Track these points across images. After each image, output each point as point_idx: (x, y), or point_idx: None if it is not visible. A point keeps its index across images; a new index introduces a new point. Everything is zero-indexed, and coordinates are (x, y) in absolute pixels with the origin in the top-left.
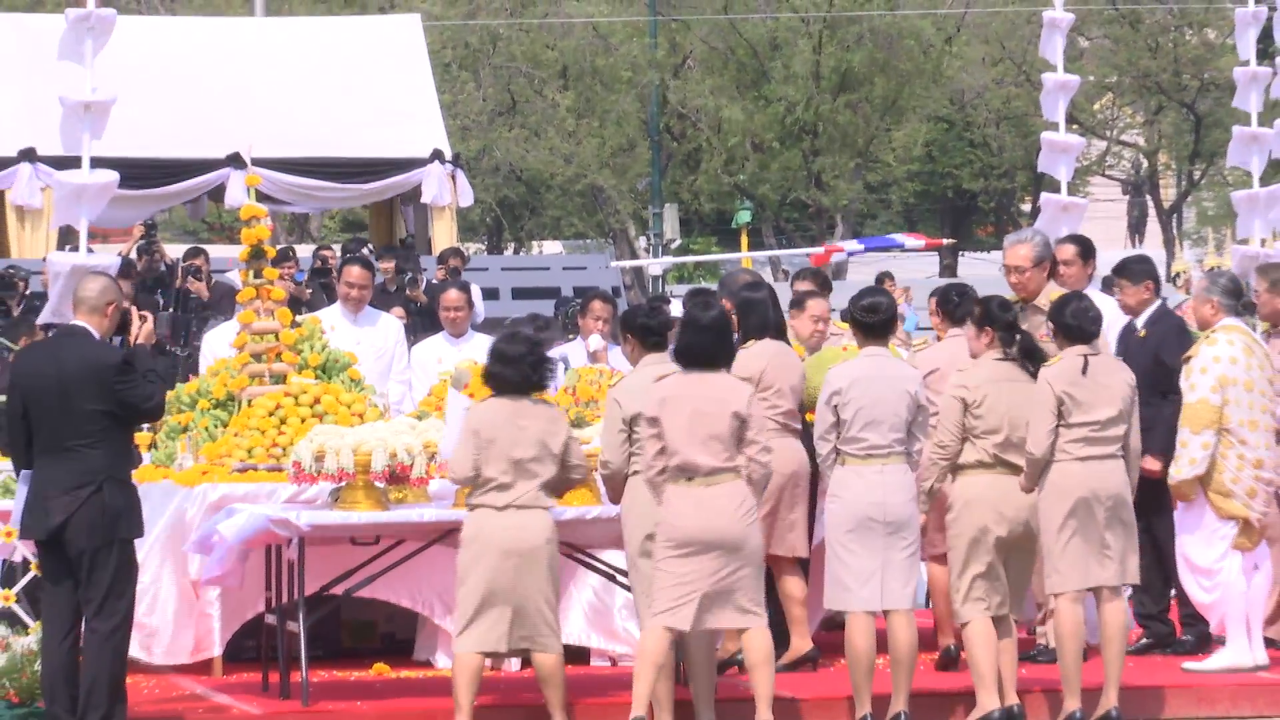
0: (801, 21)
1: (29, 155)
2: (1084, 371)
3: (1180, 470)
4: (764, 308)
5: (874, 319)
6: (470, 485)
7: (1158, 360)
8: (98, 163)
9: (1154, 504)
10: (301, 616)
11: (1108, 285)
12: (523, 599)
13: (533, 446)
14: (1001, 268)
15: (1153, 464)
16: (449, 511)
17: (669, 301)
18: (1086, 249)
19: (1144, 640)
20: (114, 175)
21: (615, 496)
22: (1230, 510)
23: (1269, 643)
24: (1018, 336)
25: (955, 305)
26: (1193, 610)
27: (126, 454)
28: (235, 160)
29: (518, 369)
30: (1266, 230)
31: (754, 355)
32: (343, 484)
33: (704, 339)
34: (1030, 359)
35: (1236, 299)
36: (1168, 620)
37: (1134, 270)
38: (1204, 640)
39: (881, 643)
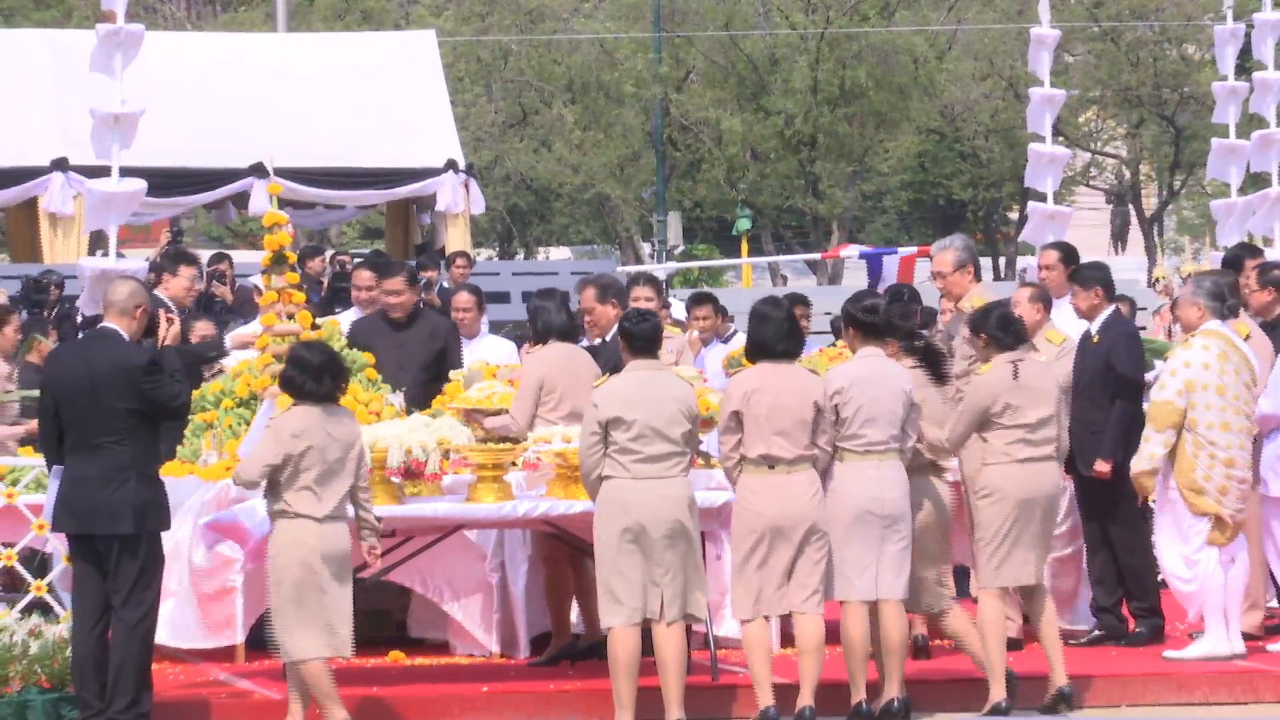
0: (800, 38)
1: (61, 165)
2: (1015, 376)
3: (1140, 463)
4: (548, 313)
5: (875, 319)
6: (253, 488)
7: (1108, 365)
8: (127, 172)
9: (1107, 503)
10: None
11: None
12: (333, 605)
13: (341, 453)
14: (930, 274)
15: (1103, 466)
16: (461, 506)
17: (669, 305)
18: (1068, 255)
19: (1096, 632)
20: (142, 184)
21: (592, 496)
22: (1202, 506)
23: (1245, 635)
24: (919, 343)
25: (886, 305)
26: (1148, 604)
27: (153, 450)
28: (258, 169)
29: (316, 378)
30: (1244, 237)
31: (540, 359)
32: None
33: (777, 332)
34: (932, 364)
35: (1221, 302)
36: (1120, 614)
37: (1085, 276)
38: (1158, 632)
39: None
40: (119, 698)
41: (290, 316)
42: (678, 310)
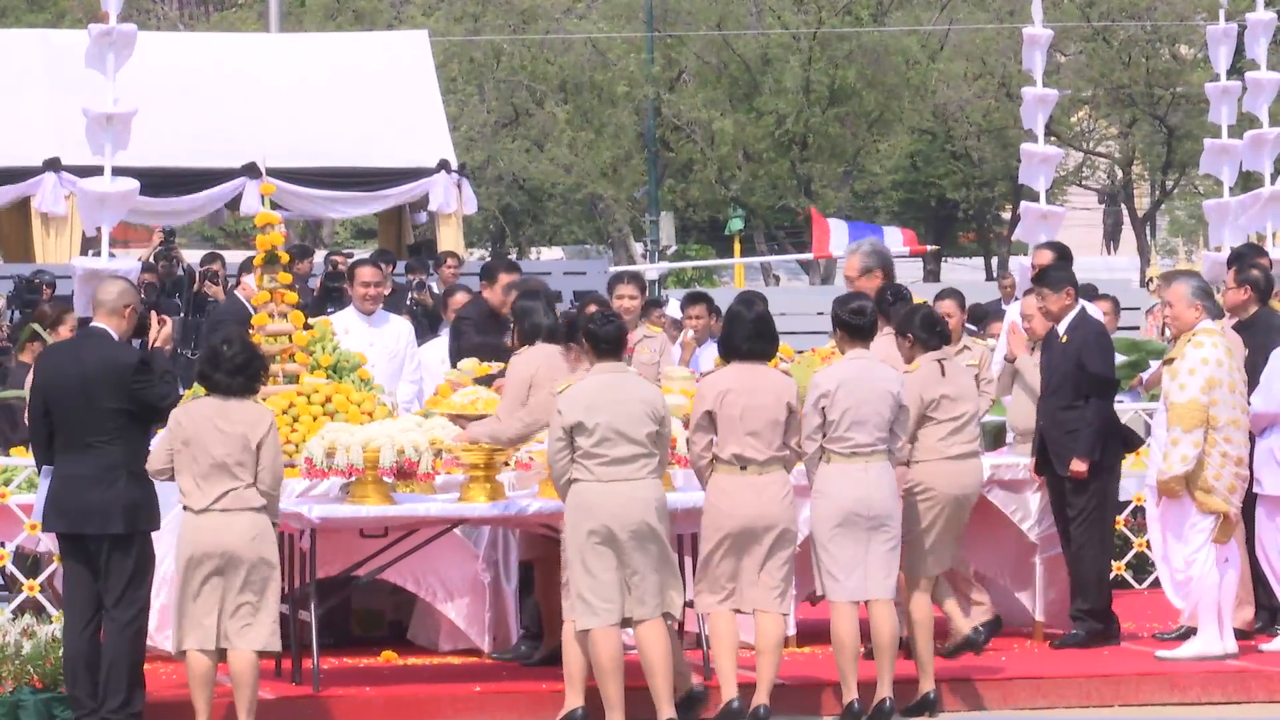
0: (792, 38)
1: (54, 165)
2: (943, 374)
3: (1172, 467)
4: (537, 314)
5: (861, 320)
6: (163, 479)
7: (1079, 365)
8: (119, 172)
9: (1076, 502)
10: (313, 606)
11: (1088, 294)
12: (222, 599)
13: (232, 447)
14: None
15: (1080, 465)
16: (453, 505)
17: (664, 303)
18: (1063, 255)
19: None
20: (134, 183)
21: (564, 500)
22: (1212, 505)
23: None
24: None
25: (890, 304)
26: (1089, 607)
27: (143, 450)
28: (251, 170)
29: (224, 371)
30: (1236, 238)
31: (526, 360)
32: (353, 479)
33: (749, 332)
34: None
35: (1212, 301)
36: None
37: (1053, 278)
38: (1094, 636)
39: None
40: (111, 697)
41: (283, 316)
42: (673, 310)
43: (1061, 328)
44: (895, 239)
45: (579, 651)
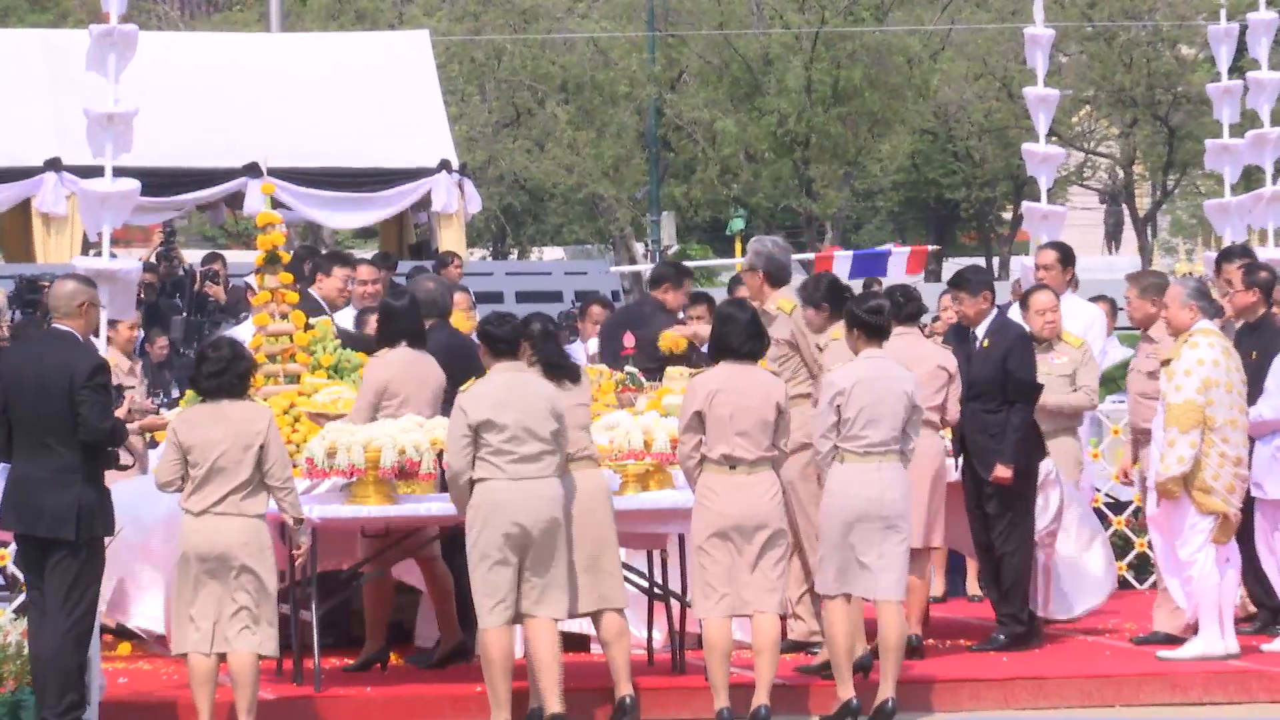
0: (794, 38)
1: (54, 165)
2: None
3: (1169, 468)
4: (400, 315)
5: (877, 319)
6: (171, 490)
7: (1005, 369)
8: (120, 172)
9: (1001, 505)
10: (314, 605)
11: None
12: (220, 602)
13: (229, 448)
14: None
15: (1004, 471)
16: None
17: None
18: (1066, 255)
19: (1002, 638)
20: (135, 184)
21: (459, 500)
22: (1211, 506)
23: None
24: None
25: (901, 305)
26: (1012, 611)
27: (100, 454)
28: (252, 170)
29: (201, 373)
30: (1238, 237)
31: (385, 364)
32: (354, 479)
33: (741, 332)
34: (555, 373)
35: (1209, 301)
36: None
37: (972, 281)
38: (1015, 640)
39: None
40: (54, 699)
41: (283, 316)
42: None
43: (980, 331)
44: (899, 263)
45: (535, 649)
